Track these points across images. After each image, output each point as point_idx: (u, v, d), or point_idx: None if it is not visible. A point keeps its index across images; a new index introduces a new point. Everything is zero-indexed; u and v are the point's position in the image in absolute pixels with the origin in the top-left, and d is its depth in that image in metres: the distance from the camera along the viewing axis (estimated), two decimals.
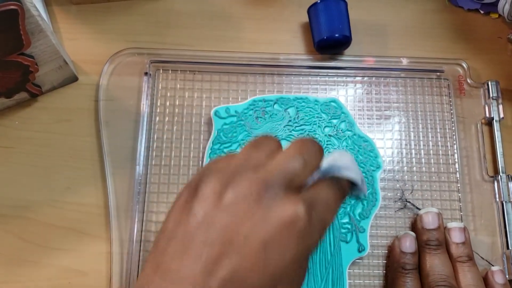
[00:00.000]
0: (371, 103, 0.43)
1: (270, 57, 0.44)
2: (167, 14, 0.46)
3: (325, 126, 0.41)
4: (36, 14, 0.34)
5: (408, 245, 0.37)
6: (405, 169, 0.41)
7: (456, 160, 0.41)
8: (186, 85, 0.43)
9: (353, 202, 0.39)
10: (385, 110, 0.43)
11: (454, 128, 0.42)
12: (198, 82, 0.43)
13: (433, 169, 0.41)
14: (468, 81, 0.44)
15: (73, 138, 0.41)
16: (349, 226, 0.38)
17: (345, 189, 0.28)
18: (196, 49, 0.44)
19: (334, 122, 0.41)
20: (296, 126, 0.41)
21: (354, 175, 0.28)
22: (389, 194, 0.40)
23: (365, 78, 0.44)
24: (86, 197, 0.40)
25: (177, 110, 0.42)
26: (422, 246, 0.37)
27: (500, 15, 0.46)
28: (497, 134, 0.42)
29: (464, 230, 0.37)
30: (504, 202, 0.40)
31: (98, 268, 0.38)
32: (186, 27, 0.45)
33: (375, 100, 0.43)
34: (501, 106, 0.42)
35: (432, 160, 0.42)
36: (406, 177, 0.41)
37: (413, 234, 0.38)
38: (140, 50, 0.43)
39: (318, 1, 0.42)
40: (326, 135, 0.41)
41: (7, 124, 0.41)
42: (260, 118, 0.41)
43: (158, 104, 0.42)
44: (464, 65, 0.44)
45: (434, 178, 0.41)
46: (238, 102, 0.42)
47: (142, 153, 0.40)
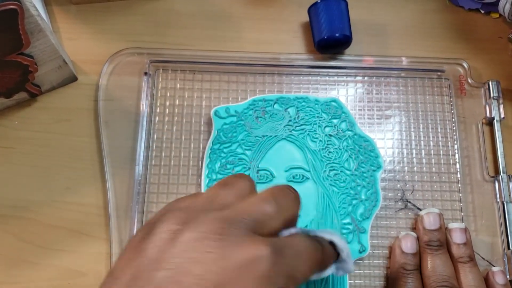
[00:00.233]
0: (372, 103, 0.43)
1: (270, 57, 0.44)
2: (167, 14, 0.46)
3: (325, 126, 0.41)
4: (35, 14, 0.34)
5: (409, 245, 0.37)
6: (405, 169, 0.41)
7: (457, 160, 0.41)
8: (186, 85, 0.43)
9: (354, 202, 0.39)
10: (385, 110, 0.43)
11: (454, 128, 0.42)
12: (198, 82, 0.43)
13: (433, 169, 0.41)
14: (469, 81, 0.43)
15: (72, 138, 0.41)
16: (350, 227, 0.38)
17: (325, 252, 0.26)
18: (196, 49, 0.44)
19: (335, 122, 0.41)
20: (296, 126, 0.41)
21: (337, 240, 0.26)
22: (389, 195, 0.40)
23: (365, 78, 0.44)
24: (86, 197, 0.40)
25: (177, 110, 0.42)
26: (423, 247, 0.37)
27: (500, 15, 0.45)
28: (498, 134, 0.42)
29: (465, 230, 0.37)
30: (505, 202, 0.40)
31: (97, 268, 0.38)
32: (186, 27, 0.45)
33: (376, 100, 0.43)
34: (501, 106, 0.42)
35: (432, 160, 0.41)
36: (407, 177, 0.41)
37: (414, 234, 0.37)
38: (139, 50, 0.43)
39: (319, 0, 0.42)
40: (326, 135, 0.41)
41: (7, 124, 0.41)
42: (260, 118, 0.41)
43: (158, 104, 0.42)
44: (465, 65, 0.44)
45: (435, 178, 0.41)
46: (238, 102, 0.42)
47: (142, 153, 0.40)
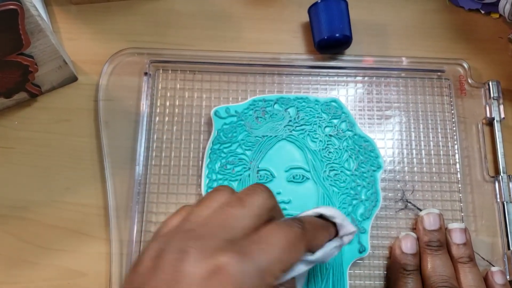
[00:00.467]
0: (372, 103, 0.43)
1: (270, 57, 0.44)
2: (167, 14, 0.46)
3: (325, 126, 0.41)
4: (35, 14, 0.34)
5: (409, 246, 0.37)
6: (406, 169, 0.41)
7: (457, 160, 0.41)
8: (186, 85, 0.43)
9: (354, 202, 0.39)
10: (385, 110, 0.43)
11: (455, 128, 0.42)
12: (198, 82, 0.43)
13: (434, 169, 0.41)
14: (469, 81, 0.43)
15: (72, 138, 0.41)
16: None
17: (309, 228, 0.27)
18: (196, 49, 0.44)
19: (335, 122, 0.41)
20: (296, 126, 0.41)
21: (325, 211, 0.26)
22: (390, 195, 0.40)
23: (365, 78, 0.44)
24: (86, 197, 0.40)
25: (177, 110, 0.42)
26: (423, 247, 0.37)
27: (501, 15, 0.45)
28: (498, 134, 0.42)
29: (465, 231, 0.37)
30: (505, 202, 0.40)
31: (97, 268, 0.38)
32: (186, 27, 0.45)
33: (376, 100, 0.43)
34: (502, 106, 0.42)
35: (433, 160, 0.41)
36: (407, 177, 0.41)
37: (414, 235, 0.37)
38: (140, 50, 0.43)
39: (319, 0, 0.42)
40: (326, 135, 0.41)
41: (7, 124, 0.41)
42: (260, 118, 0.41)
43: (158, 104, 0.42)
44: (465, 65, 0.44)
45: (435, 178, 0.41)
46: (238, 102, 0.42)
47: (142, 153, 0.40)
